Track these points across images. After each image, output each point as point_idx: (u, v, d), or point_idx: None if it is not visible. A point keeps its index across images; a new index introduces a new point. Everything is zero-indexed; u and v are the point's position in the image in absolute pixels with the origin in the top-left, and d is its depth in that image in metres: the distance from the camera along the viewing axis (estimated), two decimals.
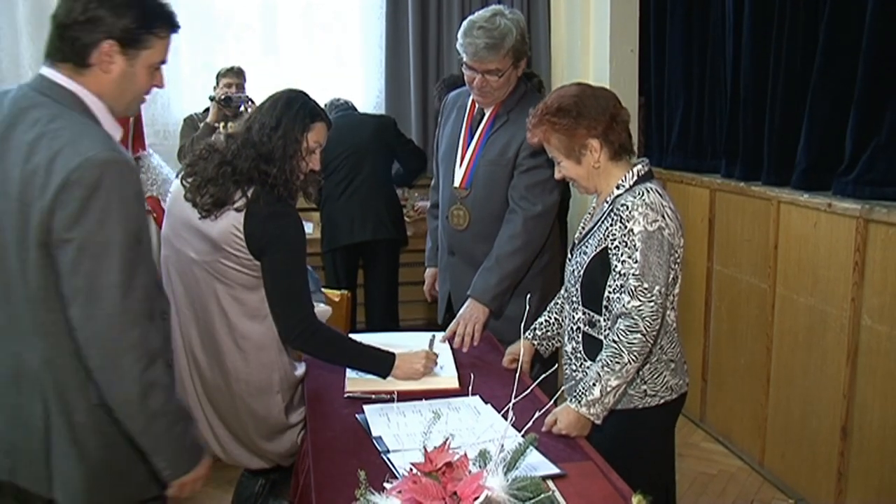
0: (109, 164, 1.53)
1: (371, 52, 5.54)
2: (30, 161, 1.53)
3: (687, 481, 3.61)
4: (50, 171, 1.50)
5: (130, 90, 1.68)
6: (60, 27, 1.60)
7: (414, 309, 5.09)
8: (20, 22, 5.09)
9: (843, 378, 3.13)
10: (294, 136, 2.23)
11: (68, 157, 1.50)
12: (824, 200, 3.21)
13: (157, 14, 1.66)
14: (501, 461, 1.45)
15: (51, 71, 1.63)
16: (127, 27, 1.59)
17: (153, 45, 1.66)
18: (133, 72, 1.65)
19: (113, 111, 1.68)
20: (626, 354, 2.00)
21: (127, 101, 1.70)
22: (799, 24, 3.43)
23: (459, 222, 2.86)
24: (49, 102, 1.60)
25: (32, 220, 1.53)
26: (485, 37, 2.60)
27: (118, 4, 1.59)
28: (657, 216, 2.03)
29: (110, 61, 1.61)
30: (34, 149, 1.54)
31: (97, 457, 1.67)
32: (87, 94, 1.62)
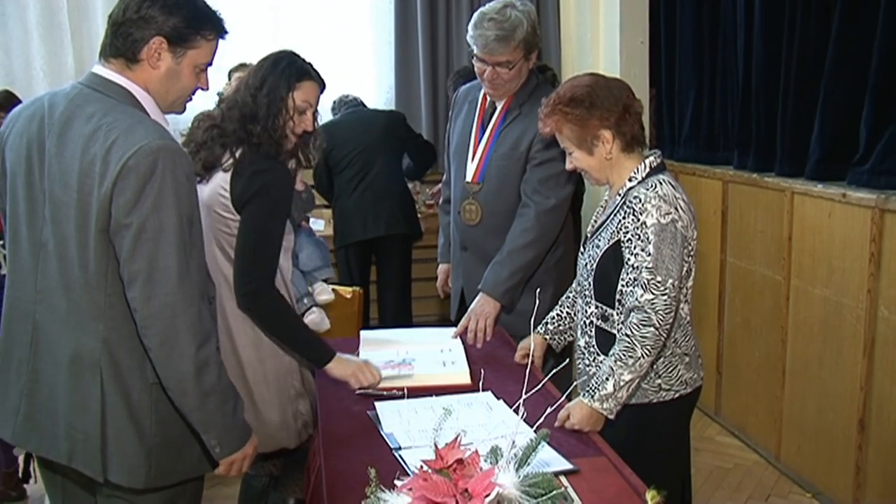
0: (163, 151, 1.61)
1: (381, 47, 5.54)
2: (87, 152, 1.62)
3: (702, 475, 3.59)
4: (107, 161, 1.59)
5: (176, 87, 1.78)
6: (115, 25, 1.72)
7: (427, 305, 5.09)
8: (31, 24, 5.11)
9: (859, 370, 3.10)
10: (279, 95, 2.23)
11: (124, 146, 1.59)
12: (839, 191, 3.18)
13: (205, 17, 1.77)
14: (513, 457, 1.44)
15: (102, 68, 1.74)
16: (175, 25, 1.71)
17: (200, 45, 1.76)
18: (179, 69, 1.75)
19: (159, 108, 1.77)
20: (640, 348, 1.98)
21: (172, 98, 1.80)
22: (812, 13, 3.40)
23: (472, 217, 2.85)
24: (102, 97, 1.70)
25: (92, 208, 1.62)
26: (495, 28, 2.59)
27: (169, 4, 1.70)
28: (670, 208, 2.01)
29: (158, 57, 1.72)
30: (91, 140, 1.62)
31: (153, 434, 1.74)
32: (137, 88, 1.73)
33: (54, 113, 1.71)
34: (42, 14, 5.10)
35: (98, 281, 1.67)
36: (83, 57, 5.28)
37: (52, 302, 1.72)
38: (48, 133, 1.70)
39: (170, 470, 1.79)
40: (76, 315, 1.70)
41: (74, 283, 1.69)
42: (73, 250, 1.67)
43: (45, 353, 1.75)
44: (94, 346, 1.69)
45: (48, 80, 5.17)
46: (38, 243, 1.73)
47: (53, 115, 1.71)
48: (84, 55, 5.28)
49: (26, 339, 1.77)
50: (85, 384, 1.71)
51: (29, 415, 1.77)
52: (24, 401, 1.78)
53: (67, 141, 1.66)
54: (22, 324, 1.78)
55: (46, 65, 5.18)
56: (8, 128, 1.82)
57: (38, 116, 1.74)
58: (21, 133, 1.76)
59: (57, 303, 1.72)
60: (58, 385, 1.74)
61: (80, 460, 1.73)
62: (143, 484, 1.75)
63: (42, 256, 1.72)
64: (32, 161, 1.72)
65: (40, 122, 1.72)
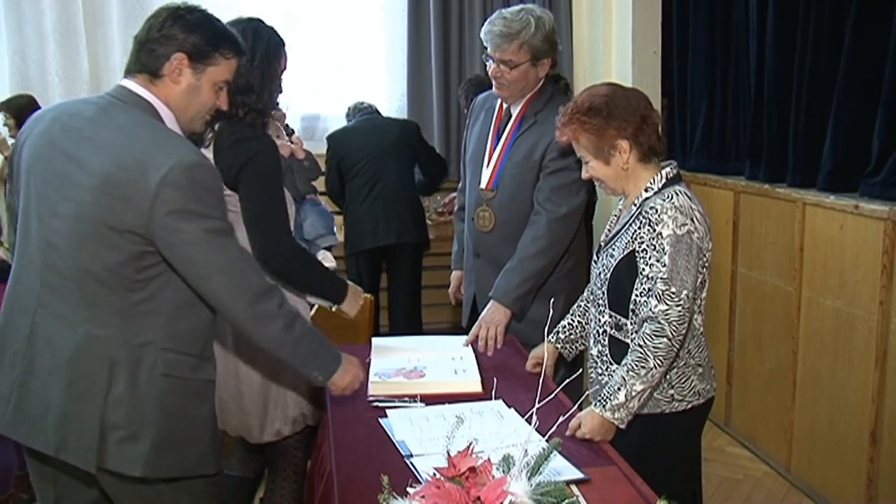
0: (196, 167, 1.72)
1: (393, 55, 5.56)
2: (121, 161, 1.70)
3: (712, 486, 3.58)
4: (144, 172, 1.68)
5: (195, 103, 1.88)
6: (140, 43, 1.83)
7: (439, 312, 5.09)
8: (47, 29, 5.15)
9: (871, 382, 3.09)
10: (272, 65, 2.29)
11: (160, 158, 1.69)
12: (851, 202, 3.17)
13: (223, 36, 1.88)
14: (525, 466, 1.44)
15: (129, 82, 1.84)
16: (195, 43, 1.82)
17: (219, 63, 1.87)
18: (199, 85, 1.85)
19: (178, 123, 1.87)
20: (652, 359, 1.99)
21: (191, 113, 1.89)
22: (824, 24, 3.39)
23: (485, 224, 2.86)
24: (130, 109, 1.80)
25: (119, 212, 1.69)
26: (502, 25, 2.63)
27: (189, 23, 1.82)
28: (686, 220, 2.02)
29: (179, 73, 1.82)
30: (124, 150, 1.71)
31: (157, 425, 1.78)
32: (159, 102, 1.83)
33: (81, 118, 1.79)
34: (58, 20, 5.14)
35: (119, 277, 1.74)
36: (98, 62, 5.32)
37: (58, 297, 1.78)
38: (73, 136, 1.77)
39: (171, 463, 1.83)
40: (85, 310, 1.76)
41: (88, 278, 1.74)
42: (89, 248, 1.73)
43: (43, 347, 1.79)
44: (103, 341, 1.76)
45: (63, 85, 5.21)
46: (47, 240, 1.78)
47: (80, 119, 1.79)
48: (99, 61, 5.32)
49: (24, 332, 1.81)
50: (88, 378, 1.75)
51: (19, 405, 1.81)
52: (16, 391, 1.82)
53: (96, 146, 1.73)
54: (21, 317, 1.82)
55: (62, 70, 5.22)
56: (29, 129, 1.88)
57: (62, 120, 1.82)
58: (42, 133, 1.83)
59: (63, 298, 1.77)
60: (54, 378, 1.78)
61: (70, 452, 1.77)
62: (142, 472, 1.78)
63: (49, 252, 1.78)
64: (52, 161, 1.78)
65: (64, 125, 1.80)
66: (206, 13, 1.88)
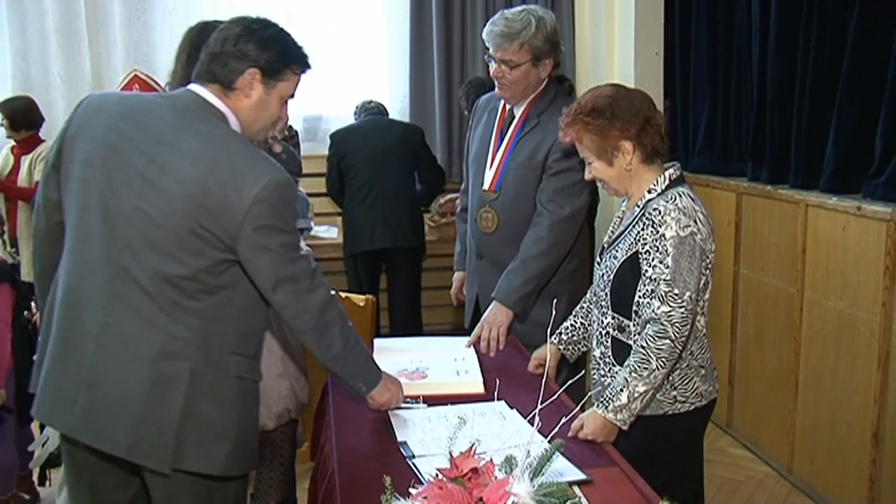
0: (283, 185, 1.79)
1: (396, 55, 5.56)
2: (215, 173, 1.74)
3: (714, 487, 3.57)
4: (237, 187, 1.74)
5: (263, 116, 1.92)
6: (213, 54, 1.86)
7: (441, 313, 5.09)
8: (50, 30, 5.16)
9: (873, 383, 3.09)
10: None
11: (252, 175, 1.75)
12: (853, 203, 3.17)
13: (295, 53, 1.93)
14: (527, 467, 1.45)
15: (201, 89, 1.86)
16: (269, 59, 1.86)
17: (288, 78, 1.91)
18: (268, 100, 1.89)
19: (244, 133, 1.90)
20: (654, 360, 1.98)
21: (258, 126, 1.93)
22: (827, 25, 3.39)
23: (488, 225, 2.86)
24: (205, 116, 1.83)
25: (214, 225, 1.75)
26: (503, 25, 2.64)
27: (264, 39, 1.86)
28: (689, 221, 2.02)
29: (251, 87, 1.86)
30: (217, 162, 1.76)
31: (234, 426, 1.85)
32: (230, 113, 1.86)
33: (158, 119, 1.80)
34: (60, 21, 5.15)
35: (192, 283, 1.78)
36: (100, 63, 5.33)
37: (135, 299, 1.78)
38: (152, 137, 1.78)
39: (242, 462, 1.90)
40: (165, 313, 1.78)
41: (165, 284, 1.77)
42: (173, 254, 1.76)
43: (118, 349, 1.79)
44: (184, 343, 1.79)
45: (65, 86, 5.23)
46: (119, 240, 1.78)
47: (158, 121, 1.80)
48: (101, 62, 5.33)
49: (94, 331, 1.80)
50: (168, 380, 1.78)
51: (88, 408, 1.80)
52: (84, 393, 1.80)
53: (183, 154, 1.76)
54: (90, 316, 1.80)
55: (64, 71, 5.23)
56: (84, 118, 1.86)
57: (133, 117, 1.82)
58: (109, 127, 1.81)
59: (141, 300, 1.78)
60: (130, 381, 1.78)
61: (143, 453, 1.79)
62: (221, 471, 1.84)
63: (125, 255, 1.78)
64: (127, 158, 1.78)
65: (138, 124, 1.80)
66: (279, 28, 1.93)
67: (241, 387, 1.88)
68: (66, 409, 1.82)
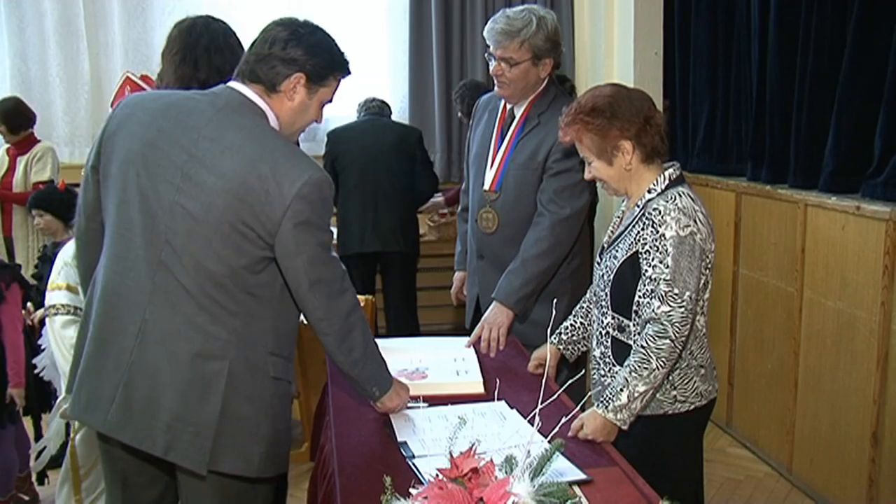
0: (323, 183, 1.82)
1: (396, 57, 5.57)
2: (256, 168, 1.76)
3: (713, 487, 3.58)
4: (279, 183, 1.75)
5: (301, 119, 1.95)
6: (258, 55, 1.88)
7: (441, 313, 5.09)
8: (48, 31, 5.16)
9: (873, 383, 3.09)
10: None
11: (292, 172, 1.76)
12: (853, 203, 3.17)
13: (339, 60, 1.95)
14: (528, 467, 1.45)
15: (243, 87, 1.88)
16: (316, 65, 1.88)
17: (331, 84, 1.94)
18: (309, 104, 1.93)
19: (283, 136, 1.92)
20: (654, 360, 1.99)
21: (296, 127, 1.97)
22: (826, 24, 3.40)
23: (488, 226, 2.86)
24: (246, 113, 1.85)
25: (255, 220, 1.76)
26: (504, 23, 2.64)
27: (312, 46, 1.88)
28: (689, 221, 2.02)
29: (295, 91, 1.88)
30: (258, 157, 1.77)
31: (269, 426, 1.86)
32: (271, 113, 1.88)
33: (198, 115, 1.82)
34: (59, 21, 5.15)
35: (232, 281, 1.79)
36: (99, 64, 5.33)
37: (176, 297, 1.79)
38: (192, 133, 1.79)
39: (275, 464, 1.91)
40: (206, 312, 1.79)
41: (206, 282, 1.78)
42: (214, 250, 1.77)
43: (157, 348, 1.80)
44: (223, 343, 1.80)
45: (64, 86, 5.23)
46: (163, 238, 1.79)
47: (197, 117, 1.82)
48: (100, 62, 5.33)
49: (132, 329, 1.81)
50: (207, 379, 1.79)
51: (125, 405, 1.81)
52: (122, 391, 1.81)
53: (224, 149, 1.78)
54: (129, 314, 1.81)
55: (63, 71, 5.24)
56: (123, 116, 1.88)
57: (172, 114, 1.84)
58: (148, 124, 1.83)
59: (181, 298, 1.79)
60: (167, 379, 1.79)
61: (180, 453, 1.80)
62: (256, 472, 1.85)
63: (166, 251, 1.78)
64: (167, 155, 1.79)
65: (178, 120, 1.82)
66: (325, 34, 1.95)
67: (277, 388, 1.89)
68: (103, 408, 1.82)
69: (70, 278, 2.90)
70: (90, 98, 5.36)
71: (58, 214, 3.37)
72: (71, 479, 2.94)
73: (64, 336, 2.86)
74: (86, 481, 2.95)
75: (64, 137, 5.40)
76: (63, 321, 2.87)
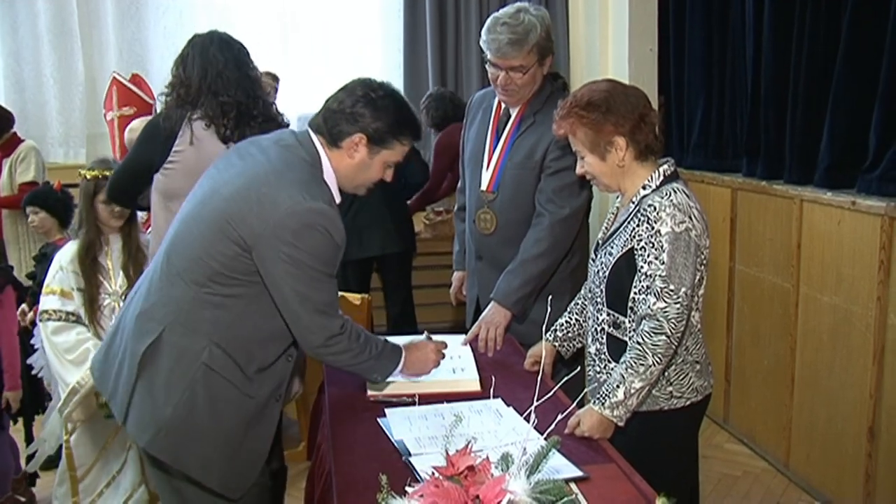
0: (319, 213, 1.86)
1: (390, 55, 5.56)
2: (256, 187, 1.87)
3: (711, 483, 3.58)
4: (271, 205, 1.84)
5: (362, 177, 2.02)
6: (329, 111, 1.97)
7: (440, 312, 5.06)
8: (42, 31, 5.15)
9: (869, 378, 3.09)
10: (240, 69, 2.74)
11: (290, 200, 1.84)
12: (848, 198, 3.17)
13: (407, 125, 2.00)
14: (524, 464, 1.44)
15: (314, 135, 1.98)
16: (378, 128, 1.94)
17: (395, 147, 1.99)
18: (370, 164, 1.99)
19: (342, 187, 2.02)
20: (651, 356, 1.98)
21: (356, 183, 2.04)
22: (821, 20, 3.39)
23: (486, 226, 2.84)
24: (295, 151, 1.95)
25: (239, 222, 1.85)
26: (508, 32, 2.58)
27: (379, 108, 1.93)
28: (685, 217, 2.01)
29: (355, 150, 1.95)
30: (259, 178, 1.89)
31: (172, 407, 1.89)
32: (328, 165, 1.96)
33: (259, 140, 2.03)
34: (52, 21, 5.14)
35: (200, 265, 1.90)
36: (93, 64, 5.31)
37: (160, 269, 1.98)
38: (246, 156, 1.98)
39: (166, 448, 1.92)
40: (169, 282, 1.94)
41: (180, 261, 1.93)
42: (195, 236, 1.92)
43: (130, 308, 2.02)
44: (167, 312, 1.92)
45: (58, 86, 5.22)
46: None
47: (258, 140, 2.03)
48: (94, 62, 5.32)
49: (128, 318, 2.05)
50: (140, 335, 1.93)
51: (104, 359, 2.06)
52: (104, 347, 2.08)
53: (249, 165, 1.93)
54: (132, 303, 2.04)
55: (57, 72, 5.22)
56: None
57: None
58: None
59: (161, 271, 1.97)
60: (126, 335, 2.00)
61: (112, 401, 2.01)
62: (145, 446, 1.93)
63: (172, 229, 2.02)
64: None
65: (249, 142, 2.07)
66: (397, 96, 2.00)
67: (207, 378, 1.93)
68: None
69: (64, 283, 2.89)
70: (84, 98, 5.34)
71: (53, 213, 3.36)
72: (68, 480, 2.94)
73: (55, 342, 2.85)
74: (84, 481, 2.94)
75: (58, 138, 5.38)
76: (54, 327, 2.86)
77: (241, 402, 1.94)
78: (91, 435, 2.93)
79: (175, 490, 2.01)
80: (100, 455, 2.94)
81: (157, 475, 2.04)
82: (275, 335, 1.98)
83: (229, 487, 1.96)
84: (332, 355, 2.01)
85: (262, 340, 1.97)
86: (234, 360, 1.92)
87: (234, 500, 1.99)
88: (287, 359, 2.05)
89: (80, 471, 2.94)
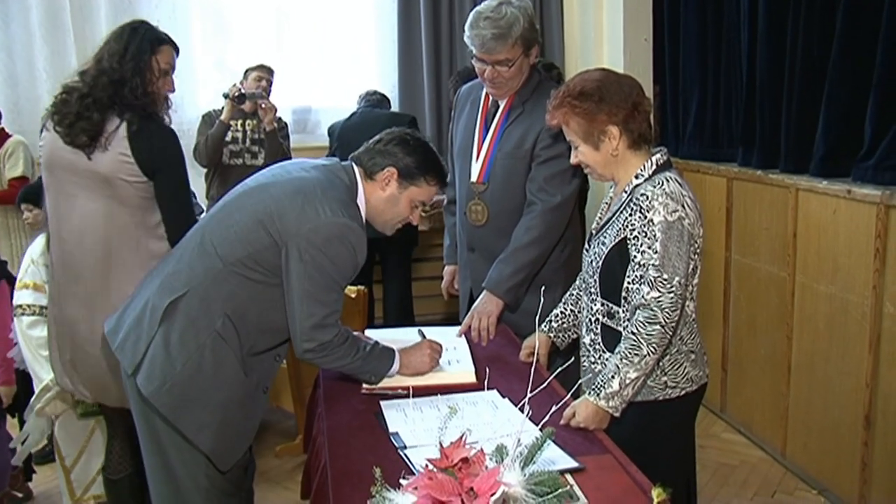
0: (352, 230, 2.06)
1: (384, 47, 5.54)
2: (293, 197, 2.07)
3: (708, 473, 3.59)
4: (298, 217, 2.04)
5: (390, 211, 2.23)
6: (369, 147, 2.24)
7: (433, 303, 5.06)
8: (34, 25, 5.11)
9: (865, 367, 3.10)
10: (144, 59, 2.44)
11: (330, 213, 2.04)
12: (843, 187, 3.17)
13: (433, 166, 2.23)
14: (519, 456, 1.44)
15: (356, 167, 2.22)
16: (408, 164, 2.19)
17: (422, 186, 2.21)
18: (399, 198, 2.21)
19: (372, 221, 2.24)
20: (645, 346, 1.98)
21: (384, 218, 2.25)
22: (815, 9, 3.38)
23: (478, 218, 2.83)
24: (336, 177, 2.16)
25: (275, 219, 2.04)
26: (491, 27, 2.57)
27: (409, 147, 2.20)
28: (677, 206, 2.01)
29: (387, 183, 2.19)
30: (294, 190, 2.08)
31: (181, 363, 2.03)
32: (362, 195, 2.19)
33: (306, 163, 2.24)
34: (45, 15, 5.10)
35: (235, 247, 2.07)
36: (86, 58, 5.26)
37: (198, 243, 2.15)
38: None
39: (168, 402, 2.04)
40: (201, 255, 2.11)
41: (216, 238, 2.10)
42: (233, 222, 2.10)
43: None
44: (193, 276, 2.09)
45: (51, 81, 5.18)
46: None
47: (305, 164, 2.23)
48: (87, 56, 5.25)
49: None
50: (169, 291, 2.10)
51: None
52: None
53: (286, 179, 2.14)
54: None
55: (49, 66, 5.18)
56: None
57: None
58: None
59: (198, 245, 2.14)
60: None
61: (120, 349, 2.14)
62: (147, 393, 2.05)
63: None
64: None
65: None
66: (428, 145, 2.25)
67: (216, 345, 2.06)
68: None
69: (36, 276, 2.90)
70: None
71: None
72: (60, 470, 2.96)
73: (30, 336, 2.85)
74: (74, 470, 2.95)
75: None
76: (29, 321, 2.86)
77: (240, 378, 2.09)
78: (71, 430, 2.95)
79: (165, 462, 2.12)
80: (83, 447, 2.96)
81: (145, 430, 2.13)
82: (273, 328, 2.13)
83: (217, 454, 2.09)
84: (320, 357, 2.13)
85: (262, 328, 2.12)
86: (238, 337, 2.08)
87: (218, 470, 2.12)
88: (275, 357, 2.21)
89: (68, 460, 2.96)
